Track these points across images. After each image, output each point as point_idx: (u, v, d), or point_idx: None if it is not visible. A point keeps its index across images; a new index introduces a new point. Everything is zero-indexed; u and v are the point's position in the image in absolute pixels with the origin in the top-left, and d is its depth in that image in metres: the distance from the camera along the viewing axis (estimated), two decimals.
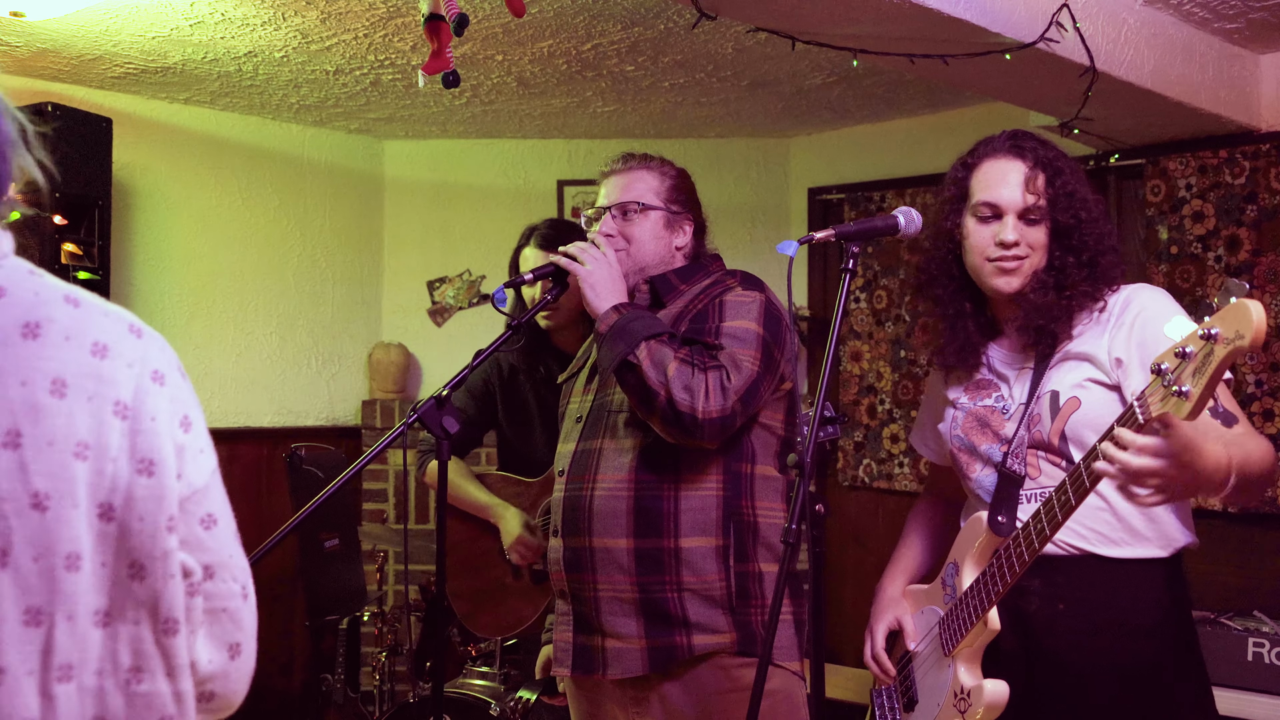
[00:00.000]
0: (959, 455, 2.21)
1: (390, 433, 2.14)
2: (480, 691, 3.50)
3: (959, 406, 2.22)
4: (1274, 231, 3.84)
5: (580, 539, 2.26)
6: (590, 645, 2.28)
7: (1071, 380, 2.03)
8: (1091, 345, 2.04)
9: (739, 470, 2.24)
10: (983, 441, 2.15)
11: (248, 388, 4.89)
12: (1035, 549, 1.93)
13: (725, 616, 2.20)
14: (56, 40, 3.83)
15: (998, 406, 2.15)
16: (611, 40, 3.79)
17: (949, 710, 2.09)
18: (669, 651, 2.20)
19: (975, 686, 2.04)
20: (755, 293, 2.28)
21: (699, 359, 2.15)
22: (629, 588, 2.21)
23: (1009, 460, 2.08)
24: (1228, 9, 3.45)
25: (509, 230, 5.34)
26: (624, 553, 2.21)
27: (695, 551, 2.20)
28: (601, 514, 2.23)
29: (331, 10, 3.53)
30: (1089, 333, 2.05)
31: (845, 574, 5.03)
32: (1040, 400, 2.06)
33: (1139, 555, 2.03)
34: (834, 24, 2.88)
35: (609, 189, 2.40)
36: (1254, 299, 1.49)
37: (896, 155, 4.92)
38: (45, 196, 1.13)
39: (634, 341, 2.15)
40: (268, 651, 4.81)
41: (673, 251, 2.39)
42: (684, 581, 2.19)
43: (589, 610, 2.27)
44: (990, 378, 2.19)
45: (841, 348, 5.03)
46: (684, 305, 2.32)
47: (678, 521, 2.20)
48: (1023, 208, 2.08)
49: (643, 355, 2.14)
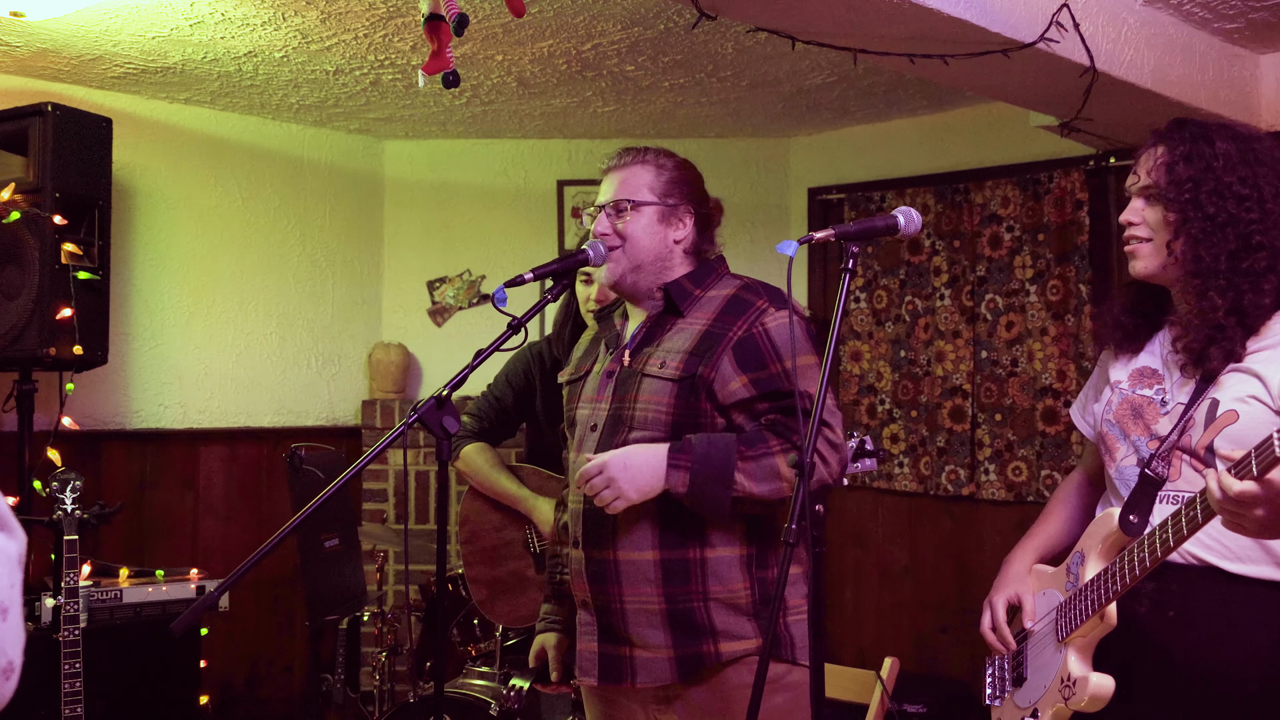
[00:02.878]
0: (1107, 437, 2.16)
1: (390, 433, 2.13)
2: (480, 691, 3.50)
3: (1118, 390, 2.16)
4: None
5: (604, 551, 2.25)
6: (618, 655, 2.27)
7: (1235, 393, 1.96)
8: (1266, 367, 1.94)
9: None
10: (1134, 431, 2.10)
11: (248, 388, 4.89)
12: (1158, 557, 1.89)
13: (751, 623, 2.21)
14: (56, 40, 3.83)
15: (1156, 399, 2.09)
16: (611, 40, 3.79)
17: (1054, 695, 2.08)
18: (697, 659, 2.21)
19: (1082, 677, 2.03)
20: (789, 313, 2.26)
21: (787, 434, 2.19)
22: (656, 599, 2.21)
23: (1154, 461, 2.03)
24: (1228, 9, 3.45)
25: (509, 230, 5.39)
26: (650, 565, 2.21)
27: (721, 561, 2.20)
28: (625, 527, 2.23)
29: (331, 10, 3.53)
30: (1266, 351, 1.95)
31: (845, 574, 5.03)
32: (1200, 406, 1.99)
33: (1264, 576, 1.96)
34: (834, 24, 2.87)
35: (606, 186, 2.38)
36: None
37: (896, 155, 4.93)
38: (45, 196, 1.12)
39: (726, 481, 2.14)
40: (268, 651, 4.84)
41: (670, 246, 2.34)
42: (710, 591, 2.20)
43: (616, 621, 2.25)
44: (1156, 367, 2.12)
45: (841, 348, 5.03)
46: (709, 319, 2.28)
47: (703, 532, 2.20)
48: (1139, 185, 2.05)
49: (744, 484, 2.15)
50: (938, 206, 4.75)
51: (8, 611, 1.09)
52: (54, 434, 3.83)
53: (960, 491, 4.67)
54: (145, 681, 3.65)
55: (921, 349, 4.81)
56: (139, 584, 3.69)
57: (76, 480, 3.34)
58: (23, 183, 3.71)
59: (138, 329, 4.58)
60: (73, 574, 3.26)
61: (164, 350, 4.66)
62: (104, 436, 4.46)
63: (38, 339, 3.63)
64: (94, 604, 3.54)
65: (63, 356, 3.67)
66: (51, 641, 3.23)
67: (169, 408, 4.67)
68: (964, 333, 4.68)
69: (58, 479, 3.33)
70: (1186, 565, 2.00)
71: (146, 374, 4.61)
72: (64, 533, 3.28)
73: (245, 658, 4.80)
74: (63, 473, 3.35)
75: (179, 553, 4.59)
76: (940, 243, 4.75)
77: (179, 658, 3.75)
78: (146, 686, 3.65)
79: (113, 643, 3.54)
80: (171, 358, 4.68)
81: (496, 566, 3.35)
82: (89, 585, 3.55)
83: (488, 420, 3.36)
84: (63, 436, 3.88)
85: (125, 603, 3.62)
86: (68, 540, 3.27)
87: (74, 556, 3.28)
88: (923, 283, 4.81)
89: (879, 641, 4.88)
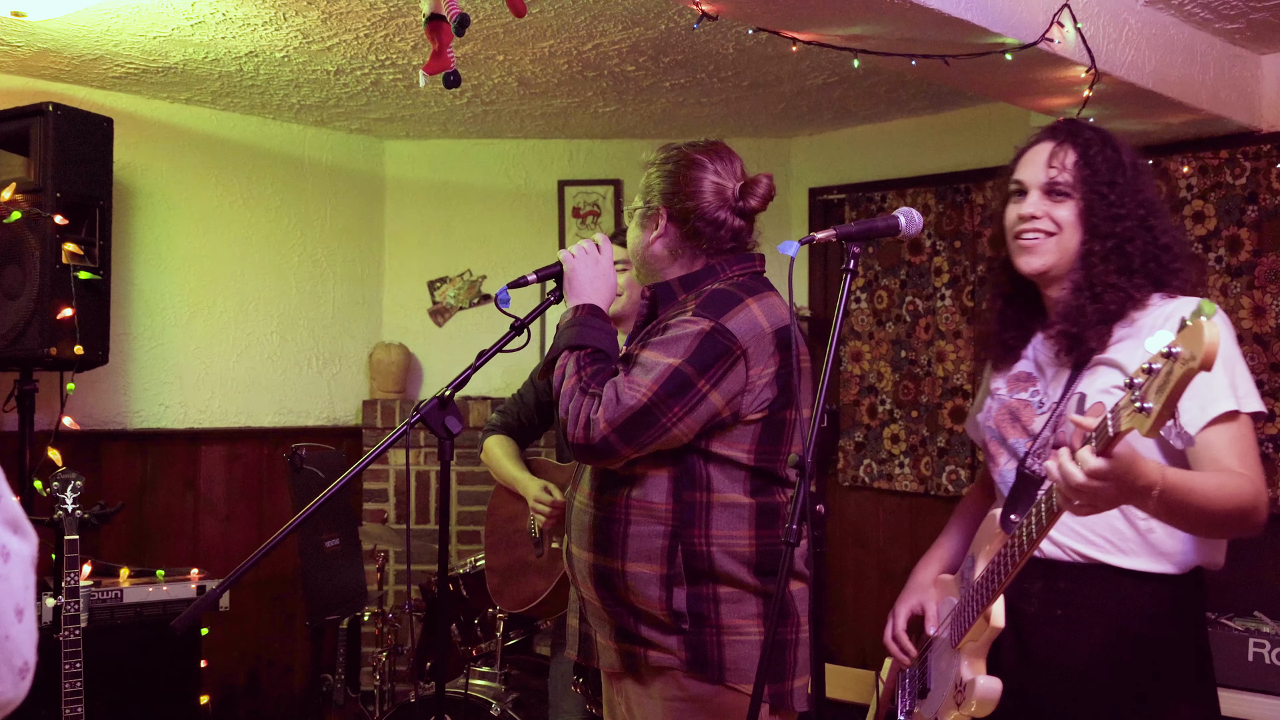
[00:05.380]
0: (989, 445, 2.21)
1: (392, 433, 2.13)
2: (481, 691, 3.51)
3: (996, 397, 2.20)
4: (1275, 232, 3.83)
5: (572, 545, 2.35)
6: (590, 636, 2.41)
7: (1100, 385, 2.00)
8: (1125, 356, 1.99)
9: (691, 499, 2.19)
10: (1011, 434, 2.14)
11: (248, 388, 4.89)
12: (1026, 551, 1.91)
13: (674, 637, 2.20)
14: (57, 40, 3.83)
15: (1032, 401, 2.13)
16: (612, 40, 3.79)
17: (950, 702, 2.10)
18: (632, 657, 2.26)
19: (970, 681, 2.05)
20: (702, 320, 2.13)
21: (588, 383, 2.14)
22: (594, 598, 2.29)
23: (1030, 459, 2.07)
24: (1229, 9, 3.45)
25: (510, 230, 5.39)
26: (588, 566, 2.28)
27: (639, 577, 2.20)
28: (576, 526, 2.32)
29: (332, 10, 3.53)
30: (1126, 342, 2.01)
31: (845, 574, 5.03)
32: (1069, 402, 2.03)
33: (1150, 569, 2.00)
34: (835, 24, 2.88)
35: None
36: (1212, 320, 1.44)
37: (897, 155, 4.93)
38: (46, 196, 1.12)
39: (558, 347, 2.21)
40: (268, 651, 4.84)
41: (648, 249, 2.31)
42: (632, 602, 2.22)
43: (582, 606, 2.39)
44: (1031, 371, 2.17)
45: (842, 348, 5.03)
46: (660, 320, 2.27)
47: (625, 545, 2.21)
48: (1045, 182, 2.07)
49: (559, 363, 2.20)
50: (938, 207, 4.75)
51: (23, 612, 1.10)
52: (54, 434, 3.82)
53: (961, 492, 4.67)
54: (145, 681, 3.65)
55: (922, 349, 4.81)
56: (139, 584, 3.70)
57: (77, 480, 3.34)
58: (24, 183, 3.71)
59: (138, 329, 4.58)
60: (73, 574, 3.27)
61: (164, 350, 4.66)
62: (104, 436, 4.46)
63: (38, 339, 3.63)
64: (94, 604, 3.54)
65: (63, 356, 3.67)
66: (52, 641, 3.23)
67: (169, 408, 4.67)
68: (965, 333, 4.68)
69: (58, 479, 3.33)
70: (1073, 563, 2.03)
71: (147, 374, 4.61)
72: (64, 533, 3.28)
73: (245, 658, 4.80)
74: (63, 473, 3.35)
75: (179, 553, 4.60)
76: (941, 243, 4.75)
77: (179, 658, 3.75)
78: (147, 686, 3.65)
79: (113, 643, 3.54)
80: (172, 358, 4.68)
81: (506, 554, 3.45)
82: (89, 585, 3.55)
83: (512, 417, 3.51)
84: (63, 436, 3.88)
85: (126, 603, 3.63)
86: (68, 540, 3.28)
87: (74, 556, 3.28)
88: (923, 283, 4.81)
89: (879, 642, 4.87)
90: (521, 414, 3.49)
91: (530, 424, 3.50)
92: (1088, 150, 2.06)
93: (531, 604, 3.34)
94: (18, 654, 1.09)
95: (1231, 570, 2.09)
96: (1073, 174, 2.05)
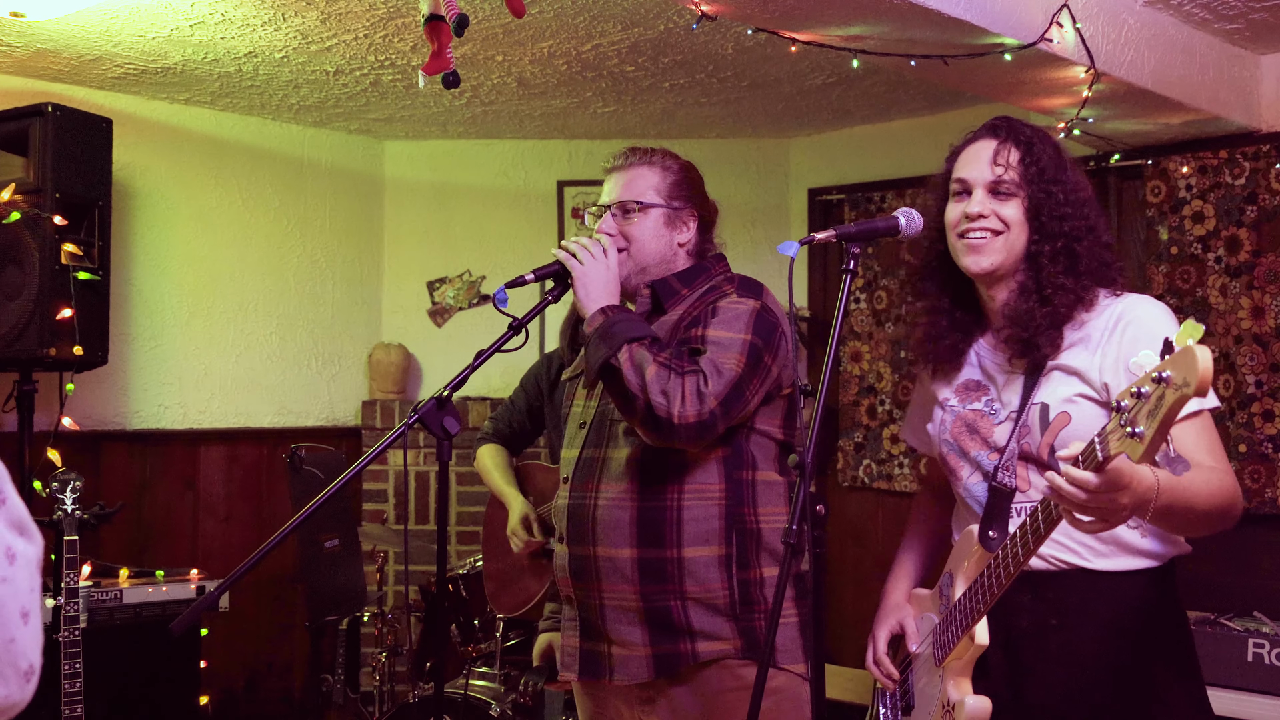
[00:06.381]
0: (948, 458, 2.18)
1: (391, 433, 2.13)
2: (480, 692, 3.51)
3: (948, 409, 2.17)
4: (1274, 232, 3.84)
5: (585, 548, 2.26)
6: (597, 651, 2.28)
7: (1062, 394, 1.99)
8: (1081, 361, 1.98)
9: (740, 478, 2.23)
10: (973, 447, 2.12)
11: (248, 388, 4.89)
12: (1012, 571, 1.91)
13: (729, 623, 2.20)
14: (57, 40, 3.83)
15: (988, 411, 2.10)
16: (611, 41, 3.79)
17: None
18: (674, 659, 2.21)
19: (959, 701, 2.03)
20: (750, 300, 2.25)
21: (678, 363, 2.13)
22: (633, 597, 2.21)
23: (999, 473, 2.05)
24: (1228, 10, 3.45)
25: (509, 231, 5.39)
26: (628, 562, 2.21)
27: (698, 561, 2.19)
28: (605, 523, 2.23)
29: (332, 11, 3.53)
30: (1079, 346, 2.00)
31: (845, 574, 5.03)
32: (1030, 411, 2.02)
33: (1128, 567, 2.00)
34: (834, 24, 2.88)
35: (610, 186, 2.39)
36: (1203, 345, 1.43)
37: (897, 156, 4.92)
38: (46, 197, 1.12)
39: (616, 344, 2.13)
40: (268, 651, 4.84)
41: (675, 249, 2.36)
42: (687, 590, 2.19)
43: (595, 617, 2.27)
44: (979, 379, 2.14)
45: (842, 348, 5.03)
46: (684, 311, 2.30)
47: (680, 531, 2.19)
48: (991, 180, 2.05)
49: (624, 359, 2.12)
50: None
51: (29, 615, 1.10)
52: (54, 434, 3.83)
53: None
54: (145, 682, 3.65)
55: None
56: (139, 584, 3.70)
57: (76, 481, 3.34)
58: (23, 183, 3.71)
59: (138, 329, 4.58)
60: (73, 574, 3.26)
61: (164, 350, 4.66)
62: (104, 437, 4.46)
63: (38, 339, 3.63)
64: (94, 604, 3.54)
65: (63, 357, 3.67)
66: (51, 642, 3.22)
67: (169, 408, 4.67)
68: None
69: (58, 479, 3.33)
70: (1058, 572, 2.02)
71: (146, 374, 4.61)
72: (64, 533, 3.28)
73: (245, 658, 4.80)
74: (63, 473, 3.35)
75: (179, 553, 4.59)
76: None
77: (179, 658, 3.75)
78: (146, 687, 3.65)
79: (113, 643, 3.54)
80: (171, 358, 4.68)
81: (500, 560, 3.45)
82: (89, 585, 3.55)
83: (504, 424, 3.50)
84: (63, 437, 3.88)
85: (125, 603, 3.63)
86: (68, 540, 3.27)
87: (74, 557, 3.28)
88: None
89: None
90: (513, 420, 3.48)
91: (522, 430, 3.48)
92: (1031, 148, 2.05)
93: (526, 606, 3.34)
94: (23, 657, 1.08)
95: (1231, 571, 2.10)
96: (1018, 172, 2.04)
